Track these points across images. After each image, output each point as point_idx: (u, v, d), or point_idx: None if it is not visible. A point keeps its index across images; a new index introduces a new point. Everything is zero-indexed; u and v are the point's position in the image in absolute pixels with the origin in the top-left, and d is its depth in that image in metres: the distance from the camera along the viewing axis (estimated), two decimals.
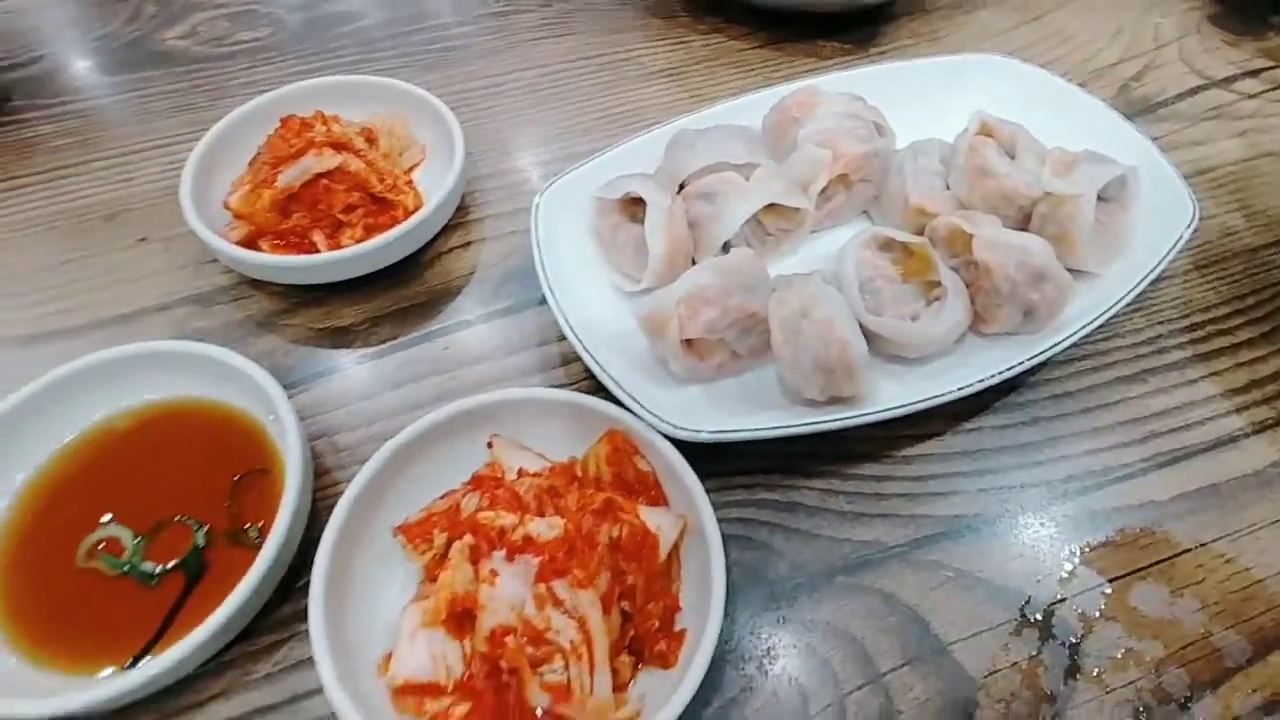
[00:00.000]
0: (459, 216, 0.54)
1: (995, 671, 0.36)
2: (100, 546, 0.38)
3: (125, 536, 0.38)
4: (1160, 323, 0.49)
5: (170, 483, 0.39)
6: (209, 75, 0.66)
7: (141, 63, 0.67)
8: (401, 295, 0.50)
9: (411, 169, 0.55)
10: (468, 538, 0.33)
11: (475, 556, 0.33)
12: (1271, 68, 0.66)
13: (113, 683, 0.32)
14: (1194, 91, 0.64)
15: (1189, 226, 0.46)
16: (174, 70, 0.67)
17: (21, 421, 0.39)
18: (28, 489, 0.39)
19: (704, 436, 0.37)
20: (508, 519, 0.34)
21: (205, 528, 0.38)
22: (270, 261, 0.47)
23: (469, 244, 0.53)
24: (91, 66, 0.67)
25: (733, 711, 0.34)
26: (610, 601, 0.32)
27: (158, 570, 0.37)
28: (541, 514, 0.35)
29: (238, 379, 0.40)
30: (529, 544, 0.33)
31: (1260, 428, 0.44)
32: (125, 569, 0.37)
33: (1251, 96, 0.63)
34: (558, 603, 0.31)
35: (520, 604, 0.32)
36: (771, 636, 0.36)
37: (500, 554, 0.33)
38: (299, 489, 0.36)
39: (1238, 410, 0.45)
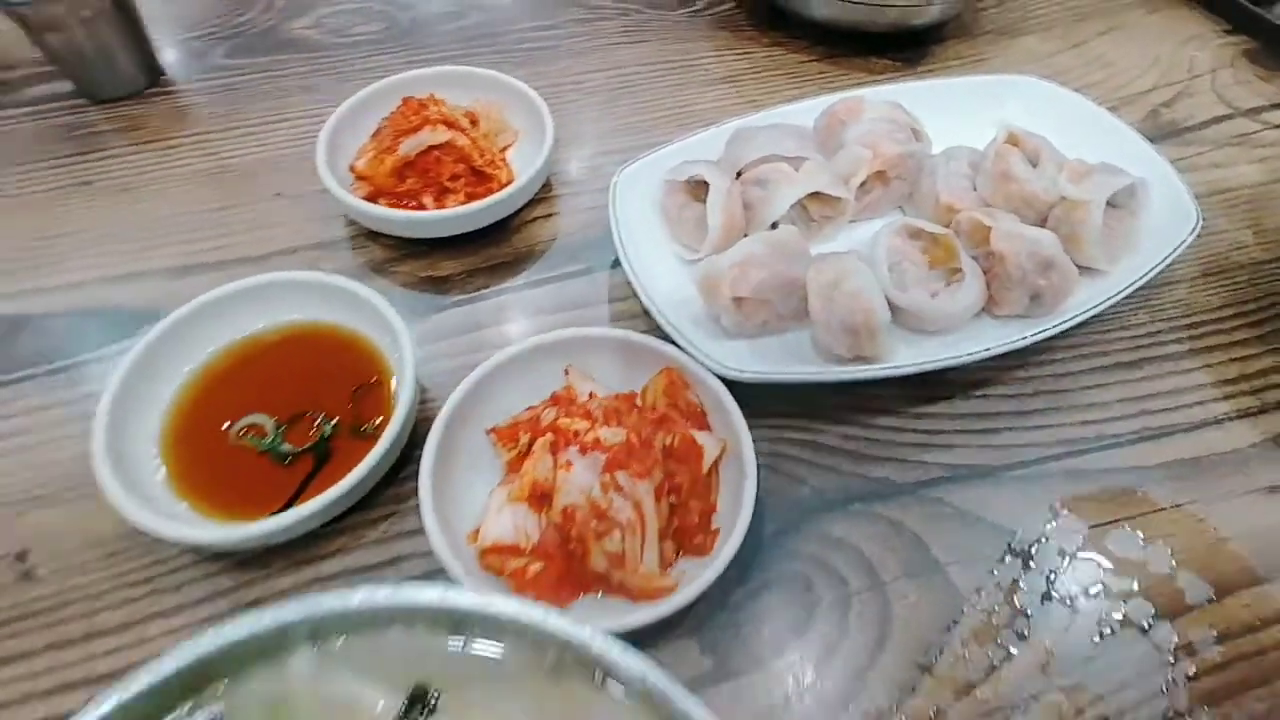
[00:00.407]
0: (544, 192, 0.62)
1: (980, 589, 0.42)
2: (246, 431, 0.47)
3: (268, 424, 0.47)
4: (1163, 320, 0.54)
5: (305, 385, 0.48)
6: (332, 61, 0.76)
7: (274, 47, 0.78)
8: (493, 253, 0.58)
9: (505, 149, 0.63)
10: (549, 435, 0.41)
11: (554, 449, 0.41)
12: None
13: (259, 524, 0.41)
14: (1220, 119, 0.69)
15: (1192, 232, 0.51)
16: (301, 55, 0.77)
17: (191, 325, 0.48)
18: (193, 378, 0.48)
19: (747, 376, 0.45)
20: (581, 425, 0.42)
21: (333, 422, 0.47)
22: (388, 215, 0.55)
23: (551, 215, 0.61)
24: (232, 48, 0.78)
25: (755, 599, 0.41)
26: (661, 493, 0.40)
27: (293, 451, 0.46)
28: (608, 425, 0.42)
29: (364, 308, 0.49)
30: (597, 445, 0.40)
31: (1244, 414, 0.49)
32: (267, 448, 0.46)
33: (1276, 127, 0.68)
34: (619, 489, 0.39)
35: (589, 489, 0.39)
36: (792, 545, 0.43)
37: (574, 449, 0.40)
38: (410, 395, 0.45)
39: (1225, 398, 0.50)
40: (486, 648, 0.28)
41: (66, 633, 0.41)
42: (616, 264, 0.57)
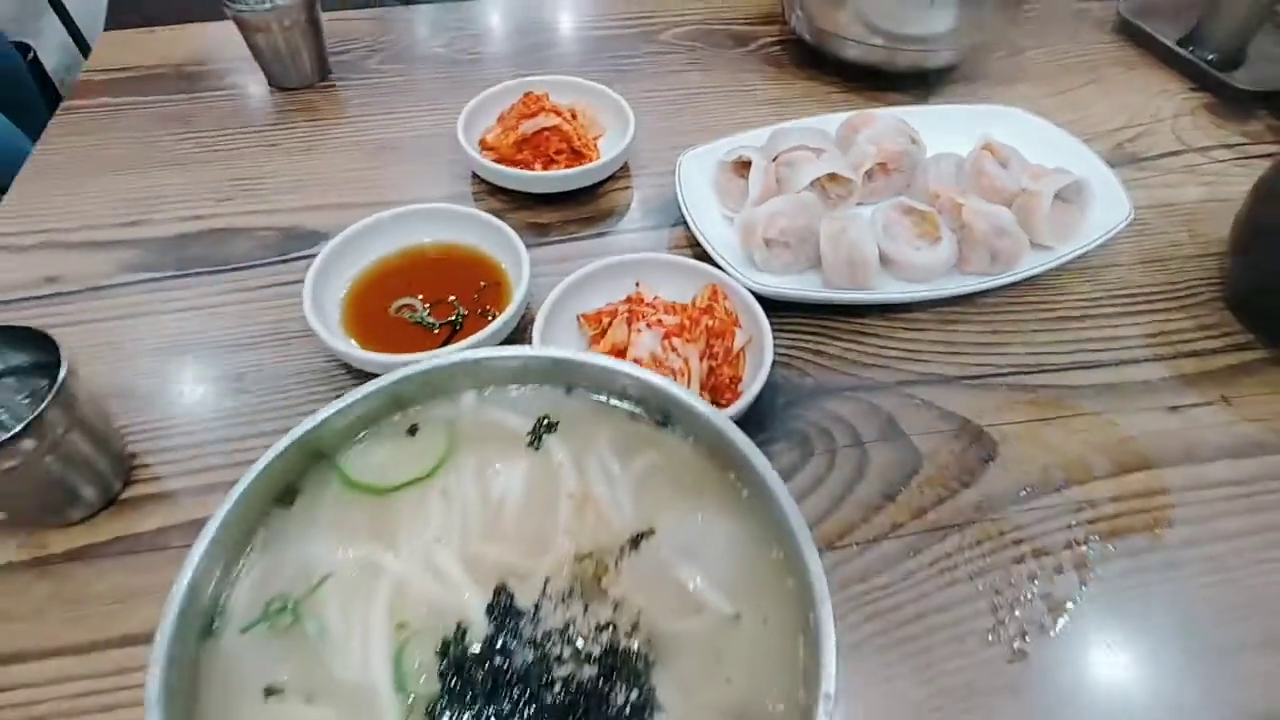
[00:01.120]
0: (622, 171, 0.80)
1: (937, 451, 0.56)
2: (402, 309, 0.64)
3: (418, 304, 0.64)
4: (1103, 290, 0.68)
5: (446, 282, 0.65)
6: (458, 71, 0.96)
7: (414, 59, 0.99)
8: (582, 210, 0.76)
9: (596, 138, 0.82)
10: (626, 314, 0.57)
11: (629, 322, 0.57)
12: (1245, 143, 0.85)
13: (414, 355, 0.57)
14: (1174, 154, 0.84)
15: (1124, 220, 0.66)
16: (435, 65, 0.97)
17: (369, 234, 0.66)
18: (365, 271, 0.66)
19: (770, 291, 0.61)
20: (647, 309, 0.58)
21: (464, 308, 0.64)
22: (510, 173, 0.74)
23: (628, 188, 0.79)
24: (383, 57, 0.99)
25: (766, 446, 0.56)
26: (703, 356, 0.55)
27: (435, 323, 0.63)
28: (668, 314, 0.58)
29: (493, 233, 0.66)
30: (660, 323, 0.57)
31: (1159, 358, 0.63)
32: (417, 320, 0.63)
33: (1221, 161, 0.83)
34: (674, 350, 0.55)
35: (652, 348, 0.55)
36: (797, 413, 0.58)
37: (644, 323, 0.56)
38: (526, 284, 0.61)
39: (1146, 345, 0.64)
40: (588, 396, 0.44)
41: (268, 426, 0.58)
42: (675, 224, 0.74)
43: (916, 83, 0.92)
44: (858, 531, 0.52)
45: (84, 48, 2.28)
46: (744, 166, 0.72)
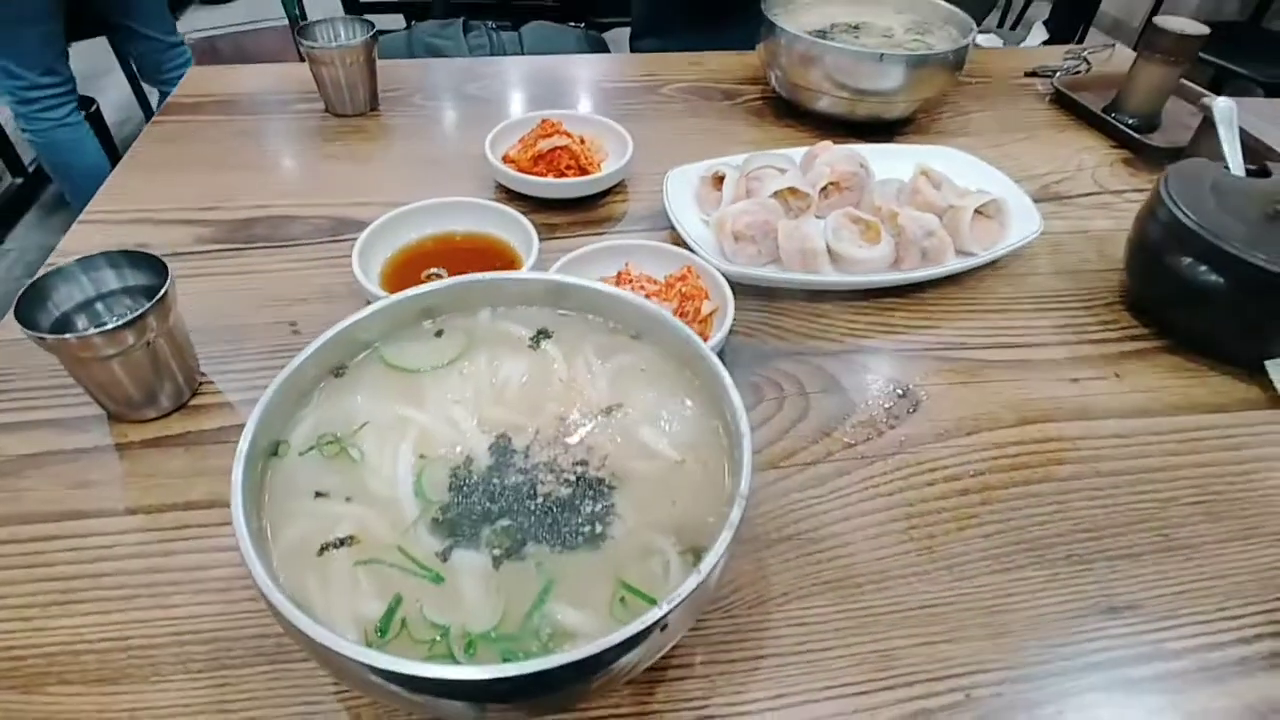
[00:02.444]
0: (620, 187, 0.95)
1: (869, 402, 0.67)
2: (430, 275, 0.77)
3: (444, 273, 0.77)
4: (1021, 292, 0.81)
5: (469, 258, 0.78)
6: (486, 109, 1.13)
7: (452, 98, 1.16)
8: (586, 215, 0.90)
9: (600, 160, 0.97)
10: (617, 279, 0.70)
11: (618, 283, 0.69)
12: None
13: None
14: (1092, 194, 0.98)
15: (1035, 232, 0.79)
16: (469, 103, 1.15)
17: (408, 218, 0.80)
18: (403, 246, 0.79)
19: (735, 271, 0.73)
20: (634, 279, 0.70)
21: None
22: (529, 179, 0.88)
23: (625, 200, 0.93)
24: (423, 95, 1.16)
25: None
26: (676, 313, 0.67)
27: None
28: (650, 283, 0.71)
29: (511, 223, 0.80)
30: (643, 288, 0.69)
31: (1064, 343, 0.74)
32: None
33: (1131, 201, 0.97)
34: None
35: None
36: (754, 369, 0.70)
37: (629, 286, 0.69)
38: (532, 262, 0.74)
39: (1053, 333, 0.76)
40: (579, 315, 0.56)
41: None
42: (662, 229, 0.88)
43: (876, 130, 1.08)
44: (797, 457, 0.62)
45: (143, 102, 2.53)
46: (720, 181, 0.86)
